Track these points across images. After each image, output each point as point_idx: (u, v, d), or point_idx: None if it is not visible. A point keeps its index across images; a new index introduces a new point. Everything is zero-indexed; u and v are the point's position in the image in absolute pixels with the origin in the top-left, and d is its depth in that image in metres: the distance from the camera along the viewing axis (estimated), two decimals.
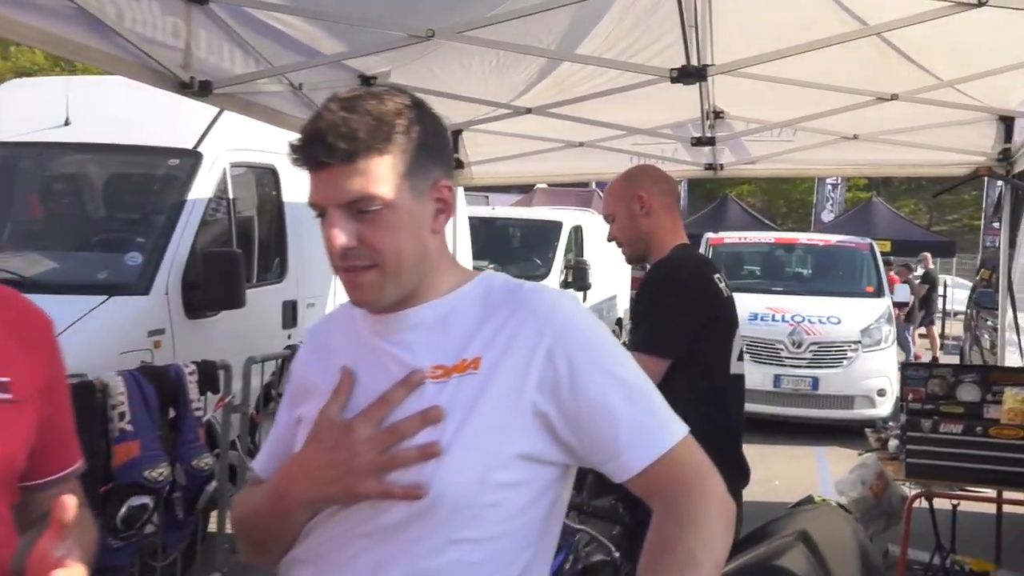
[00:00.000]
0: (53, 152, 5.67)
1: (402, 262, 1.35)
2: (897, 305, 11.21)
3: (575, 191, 18.91)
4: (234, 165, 5.69)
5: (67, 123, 5.59)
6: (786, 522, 2.18)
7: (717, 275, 2.84)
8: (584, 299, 12.54)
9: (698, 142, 4.98)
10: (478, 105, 5.34)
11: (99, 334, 4.62)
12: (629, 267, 11.86)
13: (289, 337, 6.00)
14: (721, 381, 2.73)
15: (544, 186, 19.04)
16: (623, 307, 14.37)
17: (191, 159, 5.47)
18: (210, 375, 4.19)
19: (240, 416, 4.69)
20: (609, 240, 2.99)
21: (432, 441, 1.31)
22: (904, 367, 5.05)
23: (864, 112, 5.01)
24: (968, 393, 4.61)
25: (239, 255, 5.22)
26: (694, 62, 3.15)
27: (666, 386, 2.61)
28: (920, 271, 17.13)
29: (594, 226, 12.43)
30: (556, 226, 12.11)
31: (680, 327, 2.67)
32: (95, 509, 3.56)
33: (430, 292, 1.41)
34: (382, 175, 1.32)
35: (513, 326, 1.37)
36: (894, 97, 4.59)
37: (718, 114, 5.68)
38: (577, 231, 12.37)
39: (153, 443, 3.61)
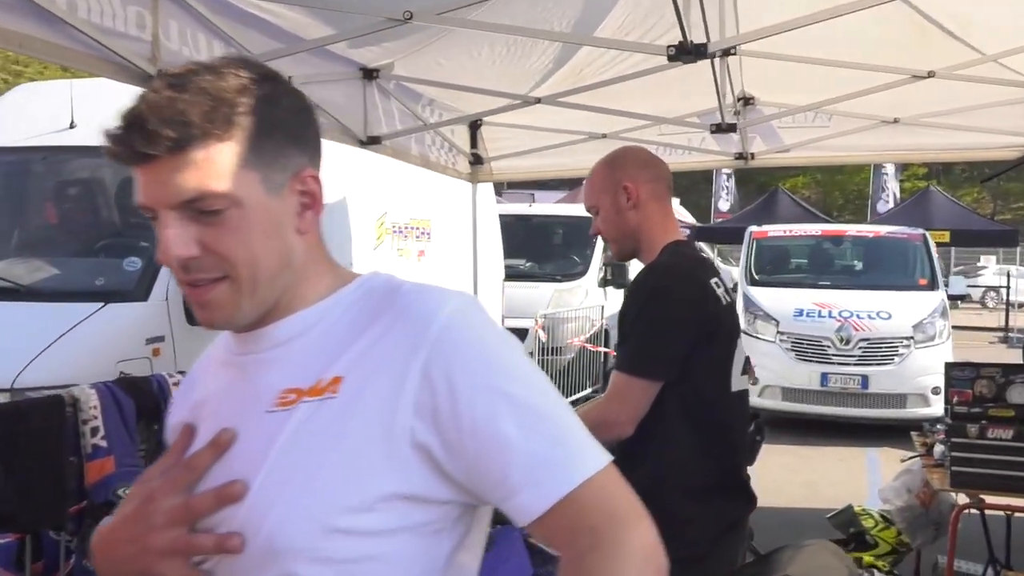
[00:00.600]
0: (54, 156, 5.57)
1: (259, 271, 1.11)
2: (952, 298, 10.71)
3: None
4: None
5: (72, 126, 5.47)
6: (773, 563, 1.91)
7: (715, 279, 2.49)
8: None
9: (718, 129, 4.67)
10: (493, 97, 5.09)
11: (95, 343, 4.53)
12: None
13: None
14: (718, 396, 2.41)
15: None
16: None
17: None
18: None
19: None
20: (593, 235, 2.70)
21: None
22: (949, 367, 4.69)
23: (904, 94, 4.68)
24: (1019, 395, 4.30)
25: None
26: (696, 39, 2.87)
27: (656, 403, 2.34)
28: None
29: None
30: None
31: (671, 346, 2.34)
32: (68, 529, 3.41)
33: (298, 302, 1.17)
34: (223, 167, 1.08)
35: (390, 337, 1.11)
36: (931, 75, 4.24)
37: (748, 100, 5.39)
38: None
39: (129, 459, 3.41)
